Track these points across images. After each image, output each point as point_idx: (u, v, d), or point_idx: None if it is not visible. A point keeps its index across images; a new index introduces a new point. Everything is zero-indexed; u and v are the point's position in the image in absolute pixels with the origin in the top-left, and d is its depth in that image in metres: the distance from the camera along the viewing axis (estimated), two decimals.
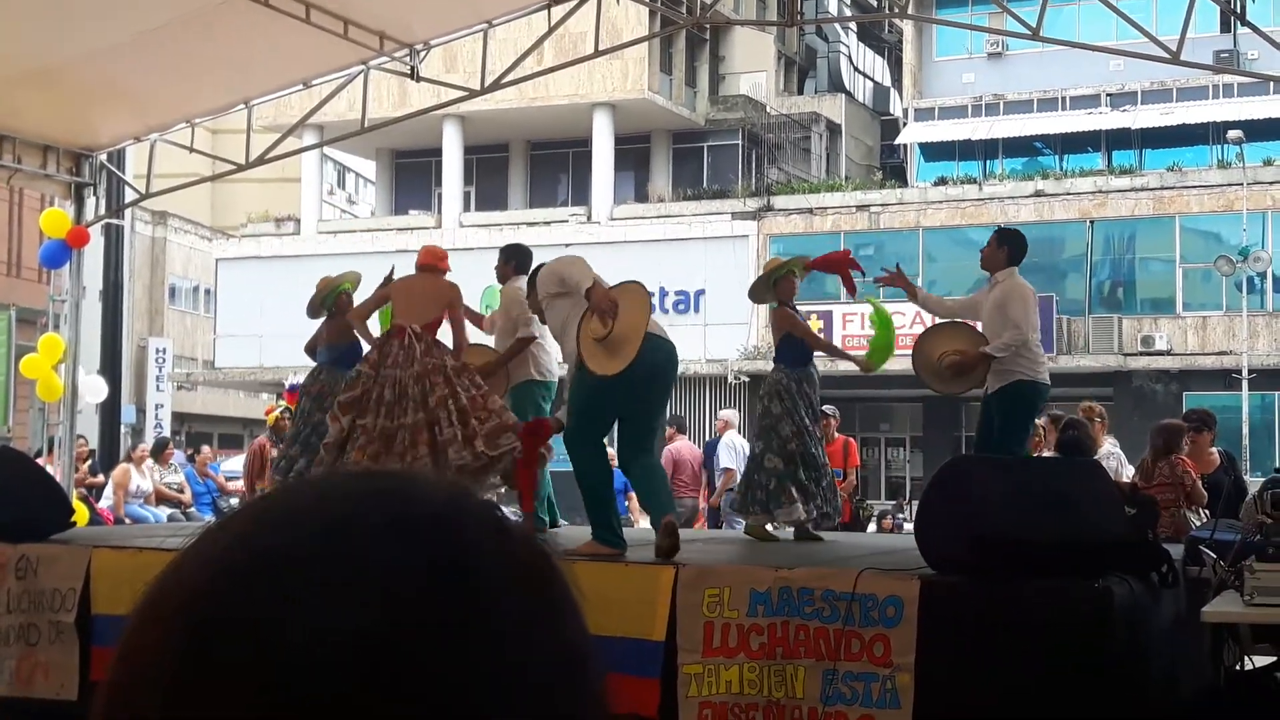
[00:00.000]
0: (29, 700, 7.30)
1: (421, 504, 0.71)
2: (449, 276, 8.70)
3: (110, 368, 16.58)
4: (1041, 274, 29.46)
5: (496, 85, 11.49)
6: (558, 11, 11.14)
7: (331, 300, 9.49)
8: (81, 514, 12.44)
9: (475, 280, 13.13)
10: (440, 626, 0.65)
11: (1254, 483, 10.68)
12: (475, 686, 0.65)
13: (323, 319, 9.57)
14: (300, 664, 0.63)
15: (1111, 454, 10.15)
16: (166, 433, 29.68)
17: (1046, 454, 10.00)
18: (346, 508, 0.70)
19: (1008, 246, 8.37)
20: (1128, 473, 10.04)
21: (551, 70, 13.03)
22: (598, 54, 11.83)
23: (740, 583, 5.97)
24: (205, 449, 17.64)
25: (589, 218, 32.44)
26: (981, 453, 8.15)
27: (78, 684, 7.20)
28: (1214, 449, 10.16)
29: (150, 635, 0.67)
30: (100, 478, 15.60)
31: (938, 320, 8.94)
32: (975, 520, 5.67)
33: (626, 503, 15.00)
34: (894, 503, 25.36)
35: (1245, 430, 24.92)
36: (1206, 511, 9.02)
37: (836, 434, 13.28)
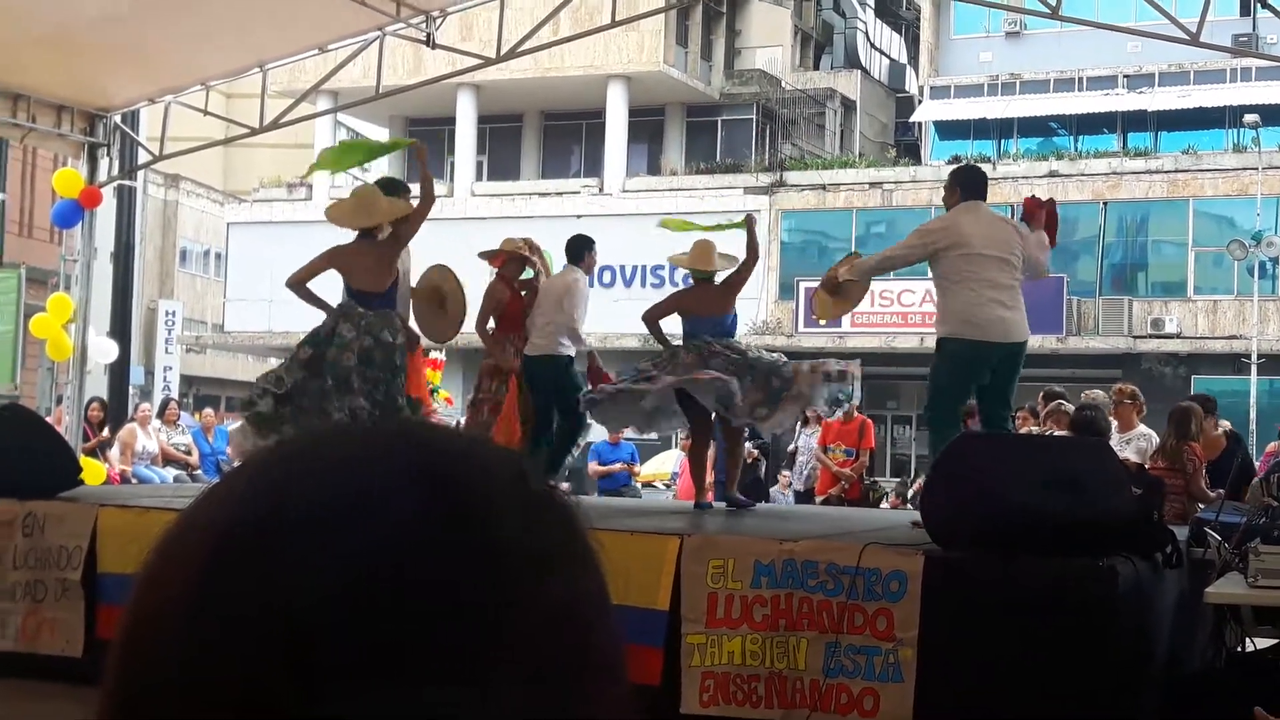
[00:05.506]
0: (35, 656, 7.34)
1: (442, 453, 0.71)
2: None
3: (120, 329, 16.57)
4: (1053, 255, 29.15)
5: (512, 54, 11.46)
6: None
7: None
8: (98, 471, 12.48)
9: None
10: (453, 576, 0.65)
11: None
12: (485, 636, 0.65)
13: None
14: (309, 604, 0.63)
15: (1144, 435, 10.13)
16: (175, 395, 29.71)
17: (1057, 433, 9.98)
18: (367, 454, 0.70)
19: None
20: None
21: (567, 40, 13.01)
22: (614, 25, 11.80)
23: (744, 554, 5.99)
24: (207, 410, 17.77)
25: (601, 189, 32.37)
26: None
27: (83, 641, 7.24)
28: (1220, 430, 10.14)
29: (167, 575, 0.68)
30: (105, 432, 15.61)
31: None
32: (981, 497, 5.68)
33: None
34: (899, 480, 25.35)
35: (1253, 415, 24.85)
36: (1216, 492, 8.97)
37: (856, 413, 13.33)
